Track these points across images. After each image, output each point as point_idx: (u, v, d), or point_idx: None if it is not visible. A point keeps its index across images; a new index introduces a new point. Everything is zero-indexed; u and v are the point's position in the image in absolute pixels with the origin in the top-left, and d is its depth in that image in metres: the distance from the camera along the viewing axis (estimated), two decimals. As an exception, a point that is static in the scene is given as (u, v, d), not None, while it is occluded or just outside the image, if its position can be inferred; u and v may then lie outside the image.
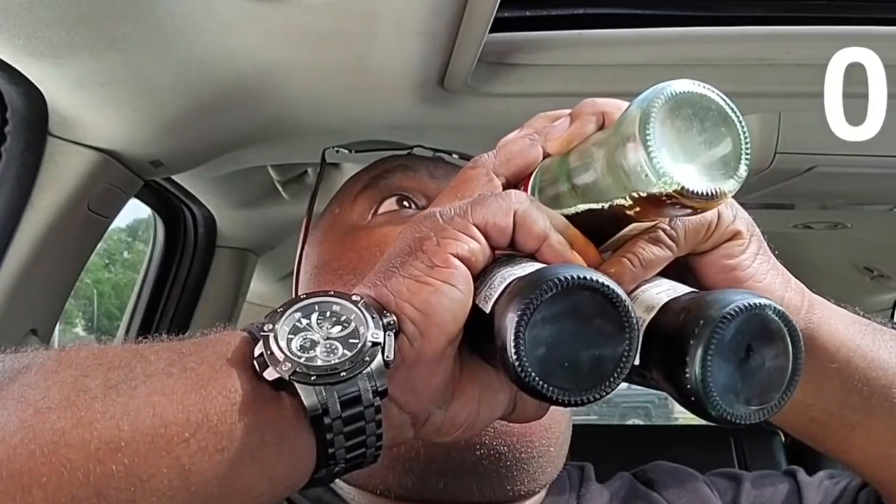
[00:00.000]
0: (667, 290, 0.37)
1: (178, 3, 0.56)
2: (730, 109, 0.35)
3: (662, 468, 0.59)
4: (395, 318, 0.34)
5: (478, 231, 0.35)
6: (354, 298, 0.35)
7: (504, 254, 0.37)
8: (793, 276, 0.42)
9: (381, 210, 0.56)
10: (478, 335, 0.35)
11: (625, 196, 0.35)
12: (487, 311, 0.34)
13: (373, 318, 0.34)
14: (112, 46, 0.60)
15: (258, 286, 1.44)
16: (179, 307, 1.20)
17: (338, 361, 0.33)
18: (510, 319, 0.32)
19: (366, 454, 0.34)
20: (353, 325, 0.34)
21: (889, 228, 1.20)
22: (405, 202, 0.56)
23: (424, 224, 0.36)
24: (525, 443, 0.50)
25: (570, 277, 0.32)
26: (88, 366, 0.33)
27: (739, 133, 0.35)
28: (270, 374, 0.33)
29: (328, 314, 0.34)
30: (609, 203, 0.36)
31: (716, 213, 0.38)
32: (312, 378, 0.32)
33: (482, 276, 0.36)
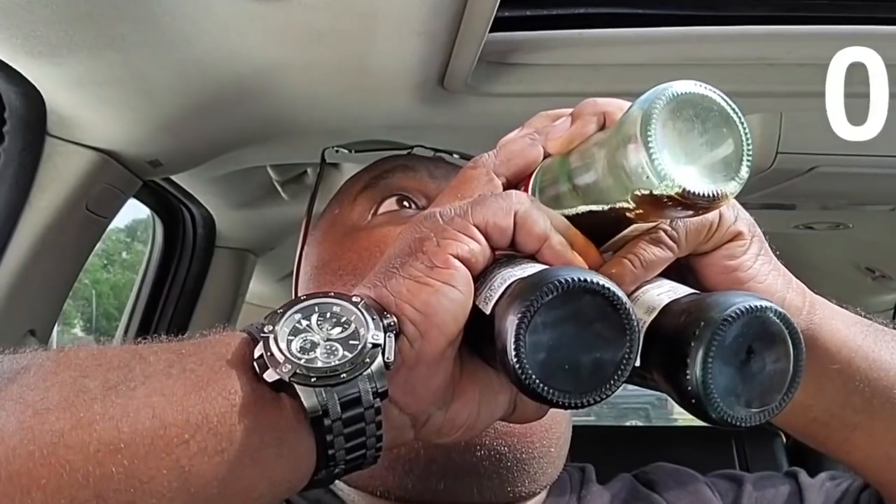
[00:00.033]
0: (668, 292, 0.37)
1: (177, 3, 0.56)
2: (731, 110, 0.35)
3: (663, 469, 0.59)
4: (396, 320, 0.34)
5: (478, 232, 0.35)
6: (355, 299, 0.35)
7: (504, 254, 0.37)
8: (794, 277, 0.42)
9: (381, 210, 0.56)
10: (478, 336, 0.35)
11: (626, 197, 0.35)
12: (488, 313, 0.34)
13: (373, 320, 0.34)
14: (110, 46, 0.60)
15: (257, 287, 1.44)
16: (178, 308, 1.20)
17: (338, 363, 0.33)
18: (510, 322, 0.32)
19: (366, 455, 0.34)
20: (354, 327, 0.34)
21: (891, 229, 1.19)
22: (405, 202, 0.56)
23: (424, 224, 0.36)
24: (526, 443, 0.50)
25: (571, 280, 0.32)
26: (87, 367, 0.33)
27: (741, 134, 0.34)
28: (270, 376, 0.33)
29: (328, 315, 0.34)
30: (610, 204, 0.36)
31: (717, 214, 0.38)
32: (312, 380, 0.32)
33: (482, 277, 0.36)
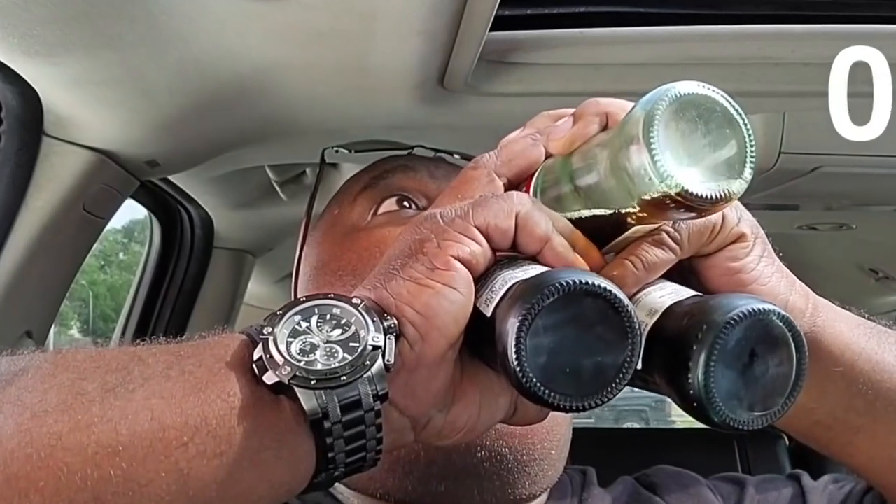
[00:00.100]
0: (670, 294, 0.36)
1: (175, 2, 0.56)
2: (735, 111, 0.34)
3: (665, 472, 0.58)
4: (396, 322, 0.34)
5: (479, 233, 0.35)
6: (355, 301, 0.35)
7: (505, 256, 0.36)
8: (797, 279, 0.42)
9: (381, 210, 0.56)
10: (478, 339, 0.35)
11: (628, 198, 0.35)
12: (488, 315, 0.34)
13: (373, 322, 0.34)
14: (108, 45, 0.60)
15: (256, 288, 1.44)
16: (176, 309, 1.20)
17: (338, 365, 0.33)
18: (511, 324, 0.32)
19: (366, 458, 0.34)
20: (354, 329, 0.34)
21: (894, 229, 1.19)
22: (405, 202, 0.55)
23: (425, 225, 0.36)
24: (526, 445, 0.49)
25: (573, 282, 0.32)
26: (86, 369, 0.33)
27: (744, 135, 0.34)
28: (270, 378, 0.32)
29: (328, 317, 0.34)
30: (612, 205, 0.36)
31: (720, 216, 0.38)
32: (312, 382, 0.32)
33: (483, 279, 0.35)
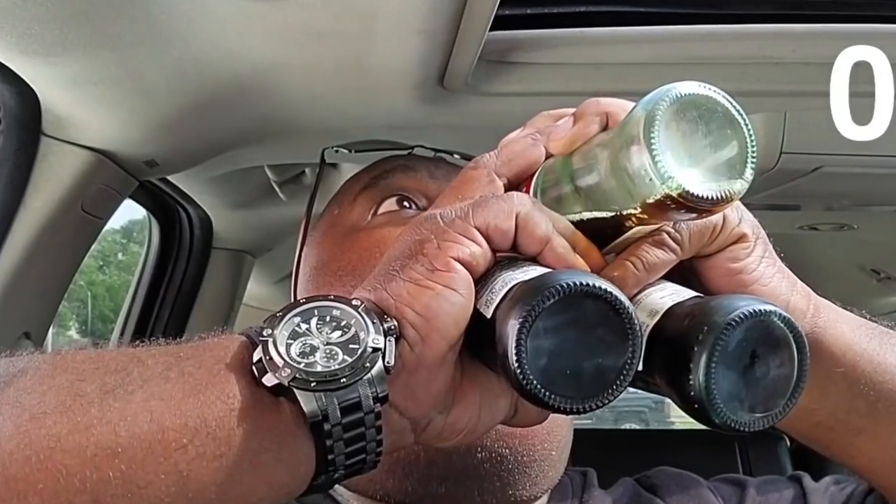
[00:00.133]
0: (671, 295, 0.36)
1: (174, 1, 0.56)
2: (736, 112, 0.34)
3: (666, 474, 0.58)
4: (396, 323, 0.34)
5: (479, 234, 0.35)
6: (355, 303, 0.34)
7: (505, 256, 0.36)
8: (798, 279, 0.42)
9: (381, 210, 0.55)
10: (479, 340, 0.35)
11: (629, 199, 0.34)
12: (488, 317, 0.34)
13: (373, 323, 0.34)
14: (106, 45, 0.60)
15: (255, 288, 1.43)
16: (175, 310, 1.19)
17: (338, 367, 0.33)
18: (511, 326, 0.32)
19: (365, 460, 0.34)
20: (354, 330, 0.34)
21: (896, 230, 1.19)
22: (405, 202, 0.55)
23: (425, 226, 0.36)
24: (527, 446, 0.49)
25: (573, 284, 0.32)
26: (84, 370, 0.33)
27: (745, 136, 0.34)
28: (269, 380, 0.32)
29: (328, 319, 0.34)
30: (613, 206, 0.36)
31: (721, 216, 0.38)
32: (312, 384, 0.32)
33: (483, 280, 0.35)
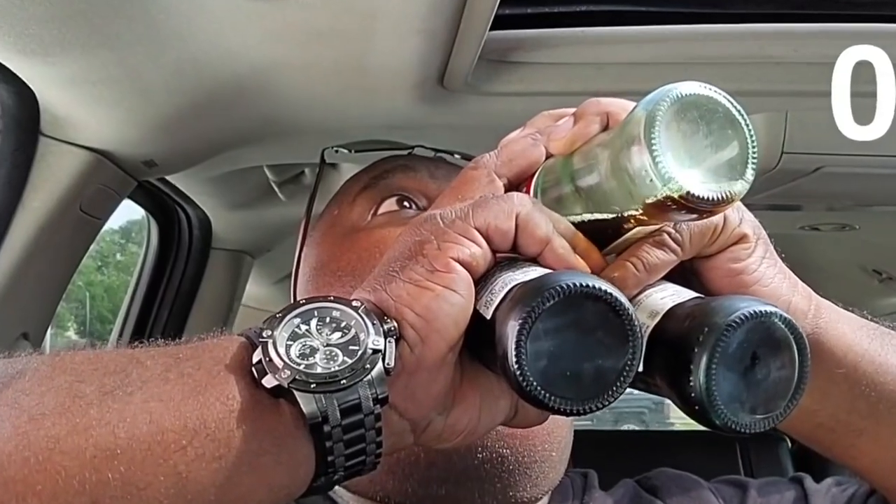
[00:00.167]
0: (671, 296, 0.36)
1: (173, 1, 0.56)
2: (736, 112, 0.34)
3: (667, 475, 0.58)
4: (396, 324, 0.34)
5: (479, 234, 0.35)
6: (354, 304, 0.34)
7: (505, 257, 0.36)
8: (799, 280, 0.41)
9: (381, 210, 0.55)
10: (478, 341, 0.35)
11: (629, 200, 0.34)
12: (488, 318, 0.34)
13: (373, 325, 0.33)
14: (105, 44, 0.60)
15: (254, 289, 1.43)
16: (174, 311, 1.19)
17: (338, 369, 0.33)
18: (511, 327, 0.32)
19: (365, 462, 0.34)
20: (354, 332, 0.34)
21: (898, 230, 1.18)
22: (405, 202, 0.55)
23: (425, 227, 0.36)
24: (528, 446, 0.49)
25: (573, 285, 0.32)
26: (83, 371, 0.32)
27: (746, 136, 0.34)
28: (269, 382, 0.32)
29: (328, 320, 0.34)
30: (613, 206, 0.35)
31: (722, 217, 0.37)
32: (312, 386, 0.32)
33: (483, 281, 0.35)
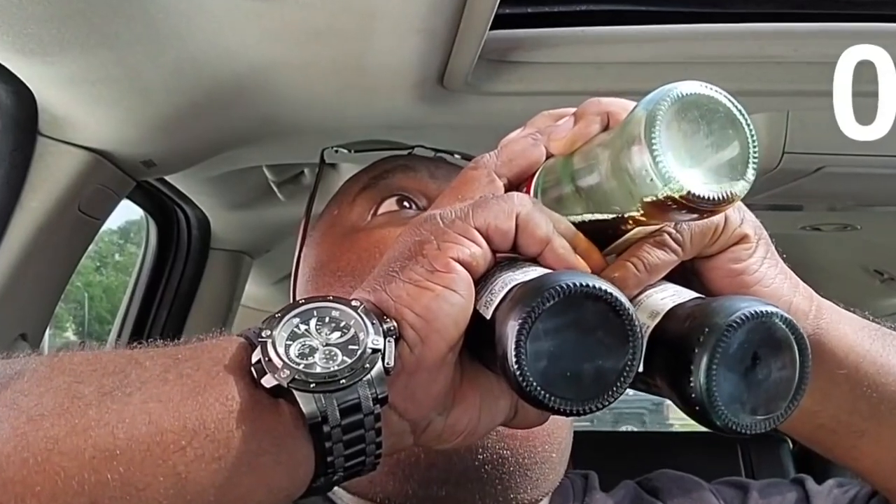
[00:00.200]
0: (672, 296, 0.36)
1: (172, 0, 0.55)
2: (737, 112, 0.34)
3: (668, 476, 0.58)
4: (396, 324, 0.34)
5: (479, 235, 0.35)
6: (354, 304, 0.34)
7: (505, 257, 0.36)
8: (801, 280, 0.41)
9: (381, 211, 0.55)
10: (478, 341, 0.35)
11: (630, 200, 0.34)
12: (488, 318, 0.34)
13: (373, 324, 0.33)
14: (103, 44, 0.60)
15: (253, 289, 1.43)
16: (172, 311, 1.19)
17: (337, 368, 0.32)
18: (511, 327, 0.32)
19: (365, 462, 0.34)
20: (353, 331, 0.33)
21: (900, 230, 1.18)
22: (405, 202, 0.55)
23: (424, 227, 0.36)
24: (528, 447, 0.49)
25: (573, 285, 0.32)
26: (82, 372, 0.32)
27: (747, 136, 0.34)
28: (268, 382, 0.32)
29: (327, 320, 0.34)
30: (614, 206, 0.35)
31: (722, 217, 0.37)
32: (311, 385, 0.32)
33: (483, 281, 0.35)
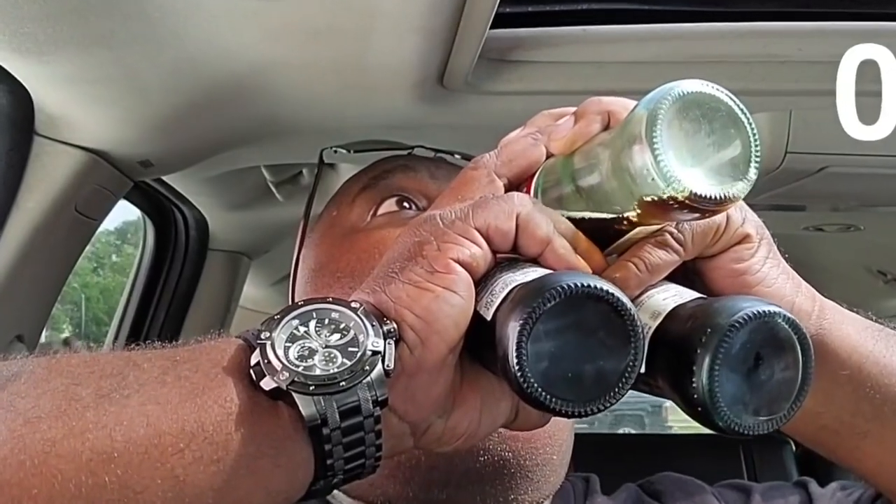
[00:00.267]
0: (674, 296, 0.36)
1: (169, -1, 0.55)
2: (739, 111, 0.34)
3: (670, 479, 0.58)
4: (396, 326, 0.34)
5: (479, 235, 0.35)
6: (354, 305, 0.34)
7: (506, 258, 0.36)
8: (803, 280, 0.41)
9: (381, 211, 0.55)
10: (479, 343, 0.35)
11: (631, 199, 0.34)
12: (489, 319, 0.34)
13: (372, 326, 0.33)
14: (100, 43, 0.59)
15: (252, 290, 1.43)
16: (170, 312, 1.19)
17: (337, 371, 0.32)
18: (512, 328, 0.31)
19: (364, 465, 0.33)
20: (353, 333, 0.33)
21: (903, 231, 1.18)
22: (405, 203, 0.55)
23: (424, 228, 0.36)
24: (530, 449, 0.49)
25: (574, 285, 0.32)
26: (80, 374, 0.32)
27: (749, 135, 0.34)
28: (267, 384, 0.32)
29: (327, 321, 0.34)
30: (615, 206, 0.35)
31: (724, 216, 0.37)
32: (311, 388, 0.32)
33: (483, 282, 0.35)
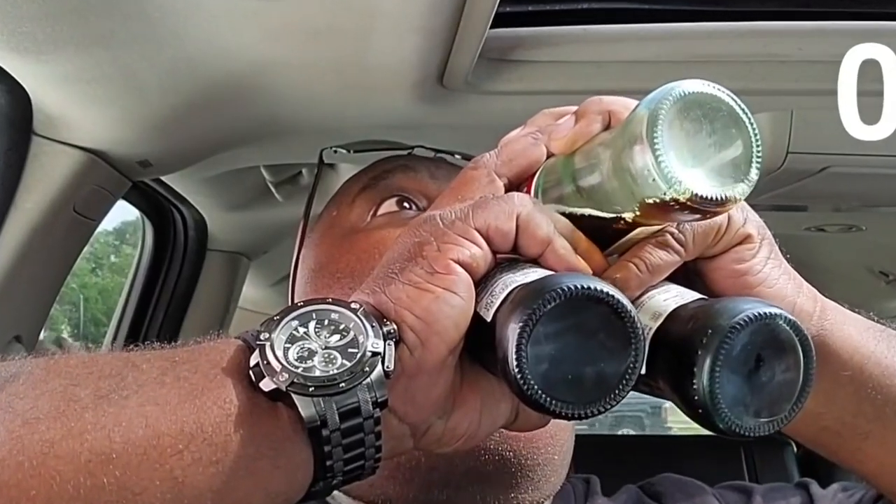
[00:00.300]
0: (674, 297, 0.36)
1: (168, -2, 0.55)
2: (741, 111, 0.34)
3: (670, 480, 0.58)
4: (395, 327, 0.33)
5: (479, 235, 0.35)
6: (353, 306, 0.34)
7: (506, 258, 0.36)
8: (805, 281, 0.41)
9: (381, 211, 0.55)
10: (479, 344, 0.34)
11: (631, 200, 0.34)
12: (489, 320, 0.33)
13: (372, 327, 0.33)
14: (99, 42, 0.59)
15: (251, 291, 1.43)
16: (169, 313, 1.19)
17: (336, 372, 0.32)
18: (512, 330, 0.31)
19: (364, 466, 0.33)
20: (353, 334, 0.33)
21: (905, 231, 1.18)
22: (405, 203, 0.55)
23: (424, 228, 0.36)
24: (531, 449, 0.49)
25: (574, 287, 0.31)
26: (78, 374, 0.32)
27: (750, 135, 0.34)
28: (267, 385, 0.32)
29: (326, 322, 0.34)
30: (615, 206, 0.35)
31: (725, 217, 0.37)
32: (310, 389, 0.32)
33: (483, 282, 0.35)
